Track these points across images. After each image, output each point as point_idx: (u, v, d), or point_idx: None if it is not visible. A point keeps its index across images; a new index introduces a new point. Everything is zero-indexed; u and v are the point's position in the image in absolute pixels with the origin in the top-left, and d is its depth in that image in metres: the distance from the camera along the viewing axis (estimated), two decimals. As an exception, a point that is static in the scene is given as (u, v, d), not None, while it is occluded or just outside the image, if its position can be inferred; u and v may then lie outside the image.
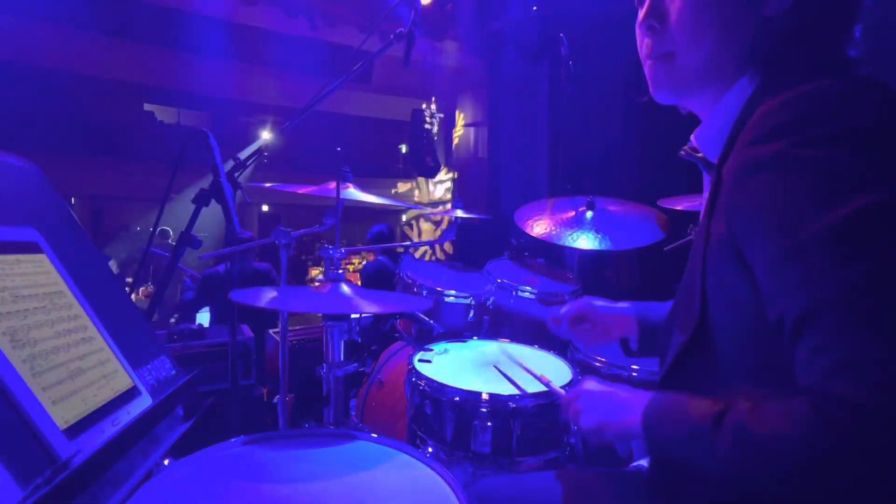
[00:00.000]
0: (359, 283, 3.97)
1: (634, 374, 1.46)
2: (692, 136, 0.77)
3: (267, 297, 1.11)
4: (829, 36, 0.63)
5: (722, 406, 0.56)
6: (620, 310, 1.03)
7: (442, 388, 1.24)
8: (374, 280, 3.48)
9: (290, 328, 2.30)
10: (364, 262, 5.64)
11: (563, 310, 1.08)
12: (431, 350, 1.53)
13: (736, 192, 0.59)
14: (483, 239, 5.62)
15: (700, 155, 0.75)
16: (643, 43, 0.73)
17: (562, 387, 1.24)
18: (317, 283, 1.23)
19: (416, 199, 7.92)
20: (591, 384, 0.82)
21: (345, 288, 1.15)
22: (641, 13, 0.71)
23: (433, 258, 5.82)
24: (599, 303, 1.05)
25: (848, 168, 0.50)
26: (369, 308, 1.11)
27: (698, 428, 0.57)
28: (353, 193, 1.70)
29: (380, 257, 3.67)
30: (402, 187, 8.78)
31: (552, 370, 1.38)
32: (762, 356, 0.59)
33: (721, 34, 0.66)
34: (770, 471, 0.49)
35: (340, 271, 1.18)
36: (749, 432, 0.51)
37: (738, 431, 0.52)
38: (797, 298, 0.50)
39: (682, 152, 0.78)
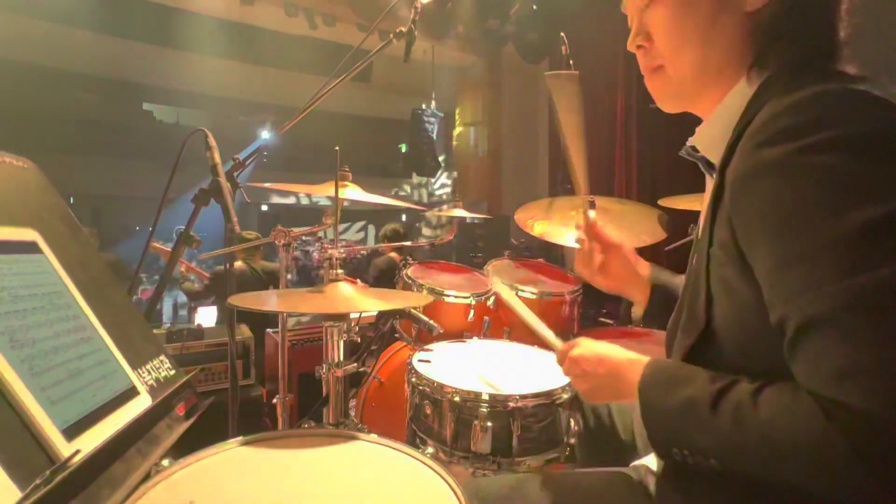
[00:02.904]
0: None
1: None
2: (693, 137, 0.76)
3: (268, 301, 1.12)
4: (822, 29, 0.63)
5: (724, 383, 0.58)
6: (641, 263, 1.04)
7: (442, 388, 1.23)
8: (386, 274, 3.57)
9: (289, 328, 2.30)
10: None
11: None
12: (431, 350, 1.53)
13: (739, 196, 0.58)
14: (483, 239, 5.63)
15: (700, 154, 0.75)
16: (640, 61, 0.77)
17: (561, 387, 1.25)
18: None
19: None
20: (583, 345, 0.81)
21: (345, 287, 1.14)
22: (631, 34, 0.75)
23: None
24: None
25: (855, 176, 0.50)
26: (370, 306, 1.11)
27: (697, 400, 0.58)
28: (353, 193, 1.70)
29: (392, 253, 3.76)
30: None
31: (552, 371, 1.38)
32: (767, 359, 0.59)
33: (703, 39, 0.67)
34: (769, 454, 0.52)
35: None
36: (751, 414, 0.53)
37: (739, 412, 0.54)
38: (799, 304, 0.51)
39: (683, 152, 0.78)
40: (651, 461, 0.86)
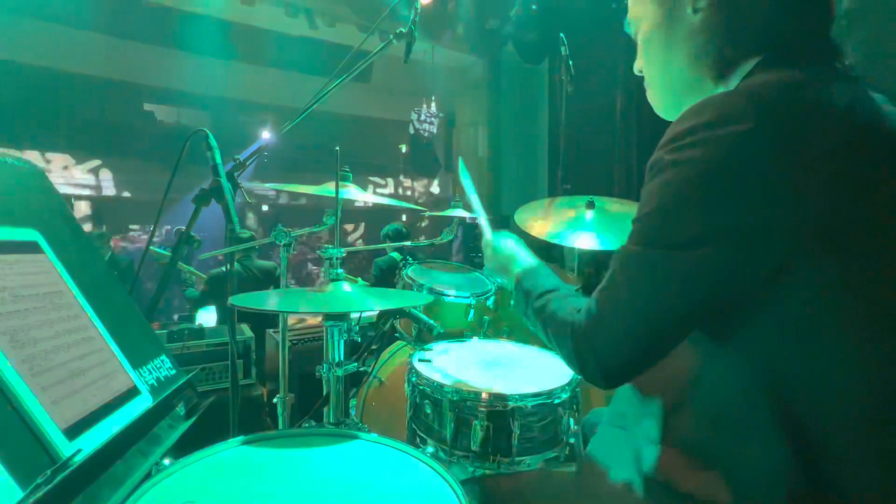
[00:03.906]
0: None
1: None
2: None
3: (269, 300, 1.12)
4: (771, 26, 0.67)
5: (560, 284, 0.89)
6: None
7: (441, 387, 1.24)
8: (386, 274, 3.57)
9: (289, 328, 2.30)
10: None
11: None
12: (431, 350, 1.53)
13: None
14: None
15: None
16: None
17: (561, 386, 1.25)
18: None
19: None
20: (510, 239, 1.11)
21: (345, 287, 1.15)
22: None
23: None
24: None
25: (667, 183, 0.63)
26: (371, 306, 1.11)
27: (543, 298, 0.86)
28: (353, 193, 1.69)
29: (392, 253, 3.76)
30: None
31: (552, 370, 1.38)
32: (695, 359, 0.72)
33: (662, 65, 0.78)
34: (546, 320, 0.82)
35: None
36: (553, 302, 0.83)
37: (550, 295, 0.85)
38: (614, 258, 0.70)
39: None
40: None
